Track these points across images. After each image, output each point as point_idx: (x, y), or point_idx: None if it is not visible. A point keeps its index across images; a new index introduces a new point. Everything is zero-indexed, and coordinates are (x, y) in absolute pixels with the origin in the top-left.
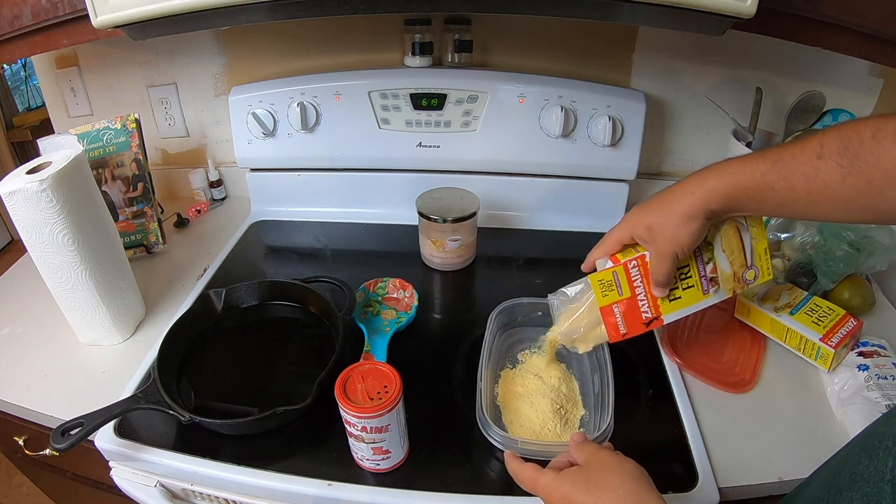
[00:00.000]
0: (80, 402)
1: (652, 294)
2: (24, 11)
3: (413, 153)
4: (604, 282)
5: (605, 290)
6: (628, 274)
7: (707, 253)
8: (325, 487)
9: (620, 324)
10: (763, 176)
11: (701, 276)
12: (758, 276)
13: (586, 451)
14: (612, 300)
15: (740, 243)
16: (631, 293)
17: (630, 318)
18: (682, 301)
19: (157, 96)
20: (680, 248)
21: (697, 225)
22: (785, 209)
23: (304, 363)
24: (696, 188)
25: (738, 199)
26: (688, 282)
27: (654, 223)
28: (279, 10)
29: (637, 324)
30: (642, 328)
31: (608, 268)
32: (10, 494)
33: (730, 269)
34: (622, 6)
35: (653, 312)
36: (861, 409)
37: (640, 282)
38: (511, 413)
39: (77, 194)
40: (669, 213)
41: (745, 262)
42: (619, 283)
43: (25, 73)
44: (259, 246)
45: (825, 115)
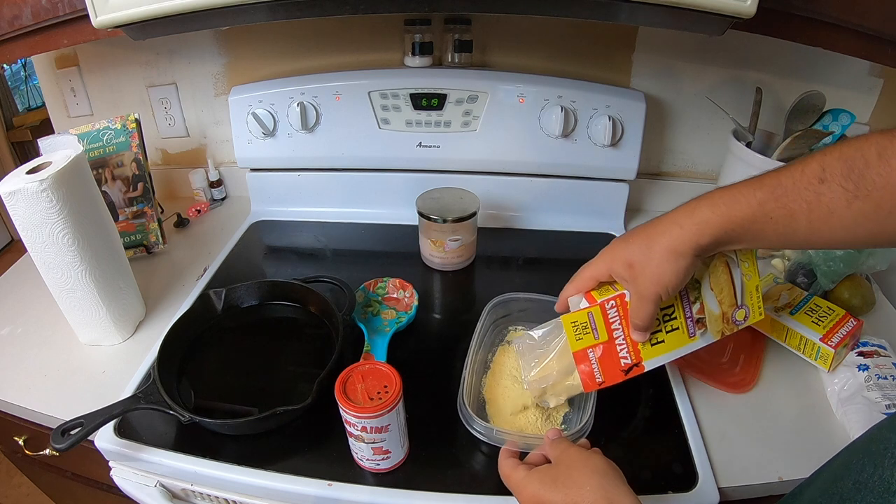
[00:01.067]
0: (80, 402)
1: (632, 338)
2: (24, 11)
3: (413, 153)
4: (577, 324)
5: (580, 333)
6: (605, 315)
7: (694, 292)
8: (325, 487)
9: (596, 371)
10: (761, 205)
11: (687, 318)
12: (748, 317)
13: (558, 449)
14: (586, 344)
15: (730, 280)
16: (608, 336)
17: (607, 364)
18: (665, 345)
19: (157, 96)
20: (664, 289)
21: (685, 263)
22: (784, 239)
23: (304, 363)
24: (684, 220)
25: (733, 232)
26: (672, 324)
27: (635, 260)
28: (279, 10)
29: (615, 371)
30: (621, 376)
31: (583, 308)
32: (10, 494)
33: (718, 310)
34: (622, 6)
35: (633, 358)
36: (861, 409)
37: (619, 323)
38: (494, 405)
39: (77, 194)
40: (653, 249)
41: (735, 301)
42: (595, 326)
43: (25, 73)
44: (259, 246)
45: (825, 115)
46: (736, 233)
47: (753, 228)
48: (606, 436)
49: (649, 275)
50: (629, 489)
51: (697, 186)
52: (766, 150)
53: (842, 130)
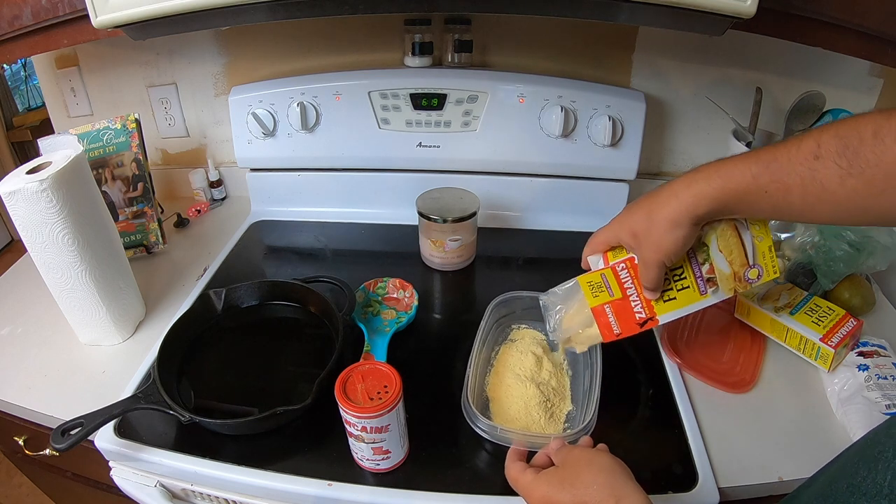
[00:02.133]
0: (80, 402)
1: (643, 297)
2: (24, 11)
3: (413, 153)
4: (592, 283)
5: (595, 291)
6: (617, 276)
7: (702, 254)
8: (325, 487)
9: (613, 324)
10: (755, 178)
11: (696, 277)
12: (762, 275)
13: (562, 453)
14: (602, 301)
15: (740, 242)
16: (622, 294)
17: (623, 318)
18: (677, 302)
19: (157, 96)
20: (666, 255)
21: (683, 232)
22: (779, 212)
23: (304, 363)
24: (682, 192)
25: (728, 203)
26: (682, 283)
27: (638, 229)
28: (279, 10)
29: (631, 324)
30: (637, 328)
31: (598, 269)
32: (10, 494)
33: (729, 270)
34: (622, 6)
35: (647, 313)
36: (861, 409)
37: (631, 283)
38: (497, 404)
39: (77, 194)
40: (654, 220)
41: (747, 261)
42: (609, 285)
43: (25, 73)
44: (259, 246)
45: (825, 115)
46: (731, 204)
47: (748, 200)
48: (607, 436)
49: (651, 243)
50: (636, 485)
51: None
52: None
53: None
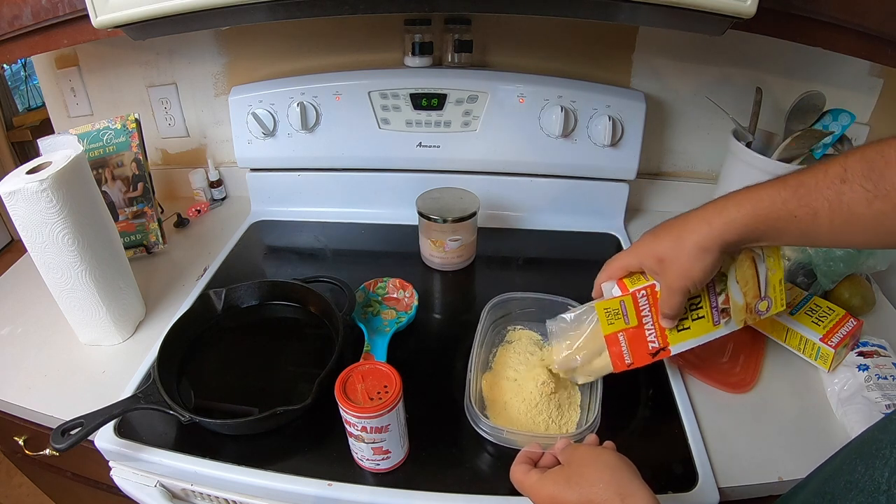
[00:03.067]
0: (80, 402)
1: (660, 324)
2: (24, 11)
3: (413, 153)
4: (610, 310)
5: (612, 319)
6: (636, 303)
7: (720, 284)
8: (325, 487)
9: (626, 353)
10: (784, 203)
11: (712, 308)
12: (770, 307)
13: (567, 452)
14: (617, 328)
15: (755, 274)
16: (638, 322)
17: (636, 347)
18: (690, 332)
19: (157, 96)
20: (692, 282)
21: (712, 258)
22: (807, 238)
23: (304, 363)
24: (713, 218)
25: (758, 230)
26: (698, 312)
27: (665, 255)
28: (279, 10)
29: (643, 353)
30: (648, 358)
31: (616, 296)
32: (10, 494)
33: (742, 301)
34: (622, 6)
35: (660, 343)
36: (861, 409)
37: (649, 311)
38: (496, 405)
39: (77, 194)
40: (682, 245)
41: (759, 293)
42: (626, 312)
43: (25, 73)
44: (259, 246)
45: (825, 115)
46: (761, 230)
47: (777, 226)
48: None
49: (678, 269)
50: (642, 483)
51: (697, 186)
52: (766, 150)
53: (842, 130)
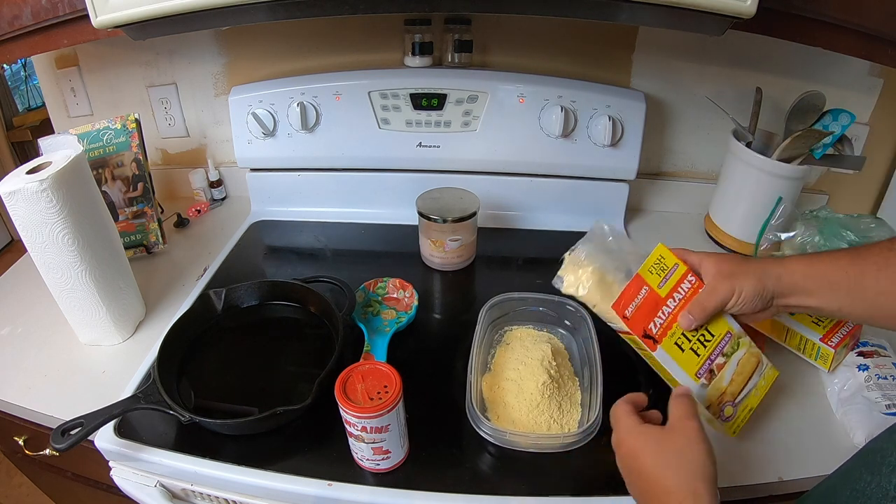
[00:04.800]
0: (80, 402)
1: (676, 317)
2: (24, 11)
3: (413, 153)
4: (663, 259)
5: (655, 270)
6: (681, 280)
7: (729, 349)
8: (325, 487)
9: (632, 305)
10: (837, 258)
11: (709, 359)
12: (728, 418)
13: (680, 411)
14: (649, 280)
15: (749, 376)
16: (666, 295)
17: (642, 312)
18: (679, 353)
19: (157, 96)
20: (734, 296)
21: (761, 286)
22: (852, 296)
23: (304, 363)
24: (773, 263)
25: (811, 279)
26: (698, 349)
27: (724, 268)
28: (279, 10)
29: (640, 324)
30: (639, 332)
31: (676, 259)
32: (10, 494)
33: (724, 385)
34: (622, 6)
35: (658, 331)
36: (861, 409)
37: (680, 299)
38: (496, 406)
39: (77, 194)
40: (747, 263)
41: (736, 395)
42: (668, 277)
43: (25, 73)
44: (259, 246)
45: (825, 115)
46: (813, 280)
47: (829, 276)
48: (607, 436)
49: (734, 279)
50: (714, 487)
51: (697, 186)
52: (766, 150)
53: (842, 130)
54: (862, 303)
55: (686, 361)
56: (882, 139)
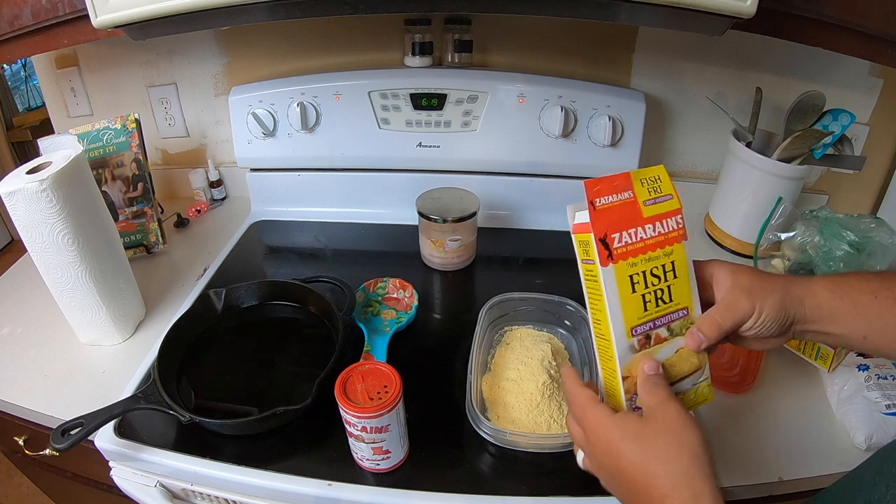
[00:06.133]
0: (80, 402)
1: (646, 247)
2: (24, 11)
3: (413, 153)
4: (659, 181)
5: (648, 183)
6: (669, 214)
7: (677, 327)
8: (325, 487)
9: (609, 198)
10: (867, 280)
11: (654, 321)
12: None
13: (655, 398)
14: (636, 188)
15: (680, 376)
16: (648, 218)
17: (614, 215)
18: (627, 289)
19: (157, 96)
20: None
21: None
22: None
23: (304, 363)
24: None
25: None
26: (652, 303)
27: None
28: (279, 10)
29: (604, 225)
30: (599, 233)
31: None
32: (10, 494)
33: None
34: (622, 6)
35: (620, 249)
36: (861, 409)
37: (660, 232)
38: (496, 406)
39: (77, 194)
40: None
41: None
42: (658, 201)
43: (25, 73)
44: (259, 246)
45: (825, 115)
46: (839, 304)
47: (854, 298)
48: None
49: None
50: (715, 482)
51: (698, 186)
52: (766, 150)
53: (842, 130)
54: (892, 330)
55: (630, 306)
56: (882, 139)
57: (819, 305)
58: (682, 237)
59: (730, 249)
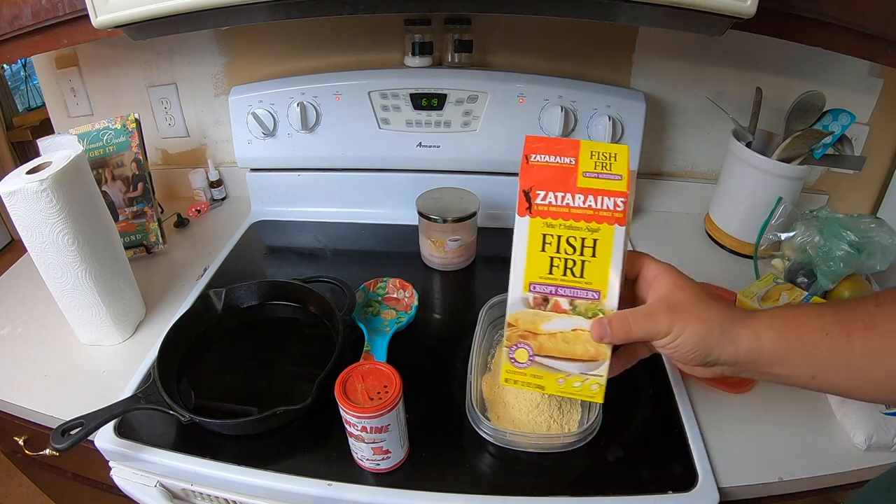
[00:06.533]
0: (80, 402)
1: (569, 214)
2: (24, 11)
3: (413, 153)
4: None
5: (598, 157)
6: (610, 193)
7: (582, 308)
8: (325, 487)
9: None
10: (819, 316)
11: (557, 287)
12: (514, 363)
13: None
14: (582, 157)
15: (569, 356)
16: (582, 188)
17: (546, 173)
18: (536, 245)
19: (157, 96)
20: (675, 337)
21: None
22: (835, 361)
23: (304, 363)
24: (740, 318)
25: (782, 339)
26: (559, 269)
27: (678, 297)
28: (279, 10)
29: (531, 178)
30: (524, 185)
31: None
32: (10, 494)
33: (542, 329)
34: (622, 6)
35: (540, 206)
36: (861, 409)
37: (591, 207)
38: (496, 406)
39: (77, 194)
40: (707, 303)
41: (542, 354)
42: (602, 176)
43: (25, 73)
44: (259, 246)
45: (825, 115)
46: (786, 343)
47: (806, 340)
48: (607, 436)
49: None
50: None
51: (698, 186)
52: (766, 150)
53: (842, 130)
54: (845, 369)
55: (535, 261)
56: (882, 139)
57: (760, 347)
58: (617, 221)
59: (730, 249)
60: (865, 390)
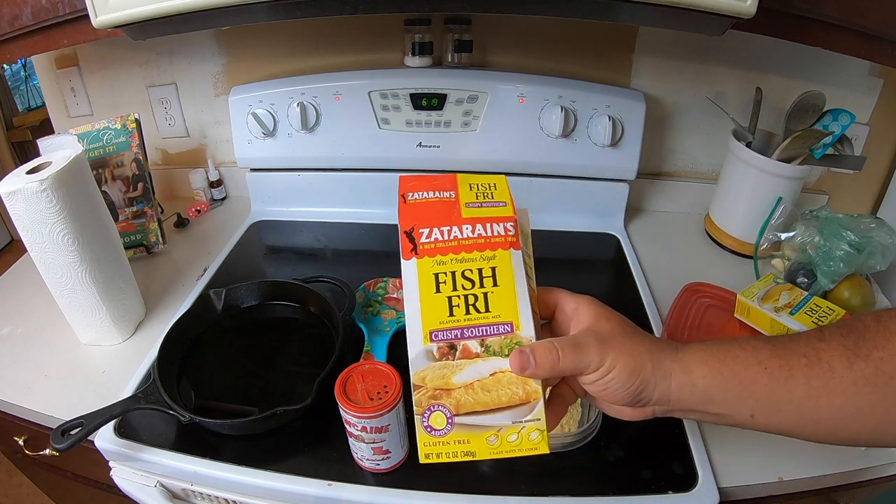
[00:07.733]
0: (80, 402)
1: (459, 248)
2: (24, 11)
3: (413, 153)
4: (492, 188)
5: (477, 188)
6: (497, 219)
7: (497, 346)
8: (325, 487)
9: (425, 193)
10: (755, 350)
11: (462, 330)
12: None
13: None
14: (461, 190)
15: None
16: (467, 219)
17: (427, 210)
18: (429, 288)
19: (157, 96)
20: (606, 372)
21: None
22: (775, 399)
23: (304, 363)
24: (670, 352)
25: (716, 379)
26: (461, 308)
27: (606, 328)
28: (279, 10)
29: (412, 219)
30: (405, 226)
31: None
32: (10, 494)
33: (454, 383)
34: (622, 6)
35: (426, 245)
36: None
37: (480, 236)
38: None
39: (77, 194)
40: (635, 335)
41: (460, 413)
42: (485, 205)
43: (25, 73)
44: (259, 246)
45: (825, 115)
46: (721, 382)
47: (744, 378)
48: (607, 436)
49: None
50: None
51: (698, 186)
52: (766, 150)
53: (842, 130)
54: (786, 407)
55: (432, 306)
56: (882, 139)
57: (692, 384)
58: (511, 245)
59: (730, 249)
60: (809, 432)
